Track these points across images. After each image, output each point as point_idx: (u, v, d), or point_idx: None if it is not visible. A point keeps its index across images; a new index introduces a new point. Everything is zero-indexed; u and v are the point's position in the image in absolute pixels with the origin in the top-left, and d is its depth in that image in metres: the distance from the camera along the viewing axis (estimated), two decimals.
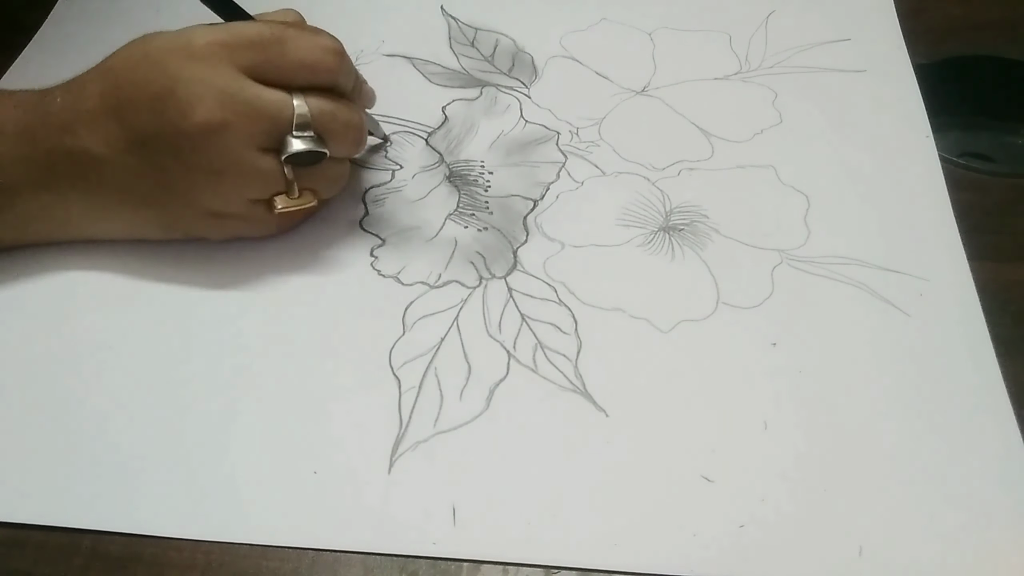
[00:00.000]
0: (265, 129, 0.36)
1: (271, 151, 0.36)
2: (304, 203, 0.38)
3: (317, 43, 0.37)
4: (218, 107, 0.34)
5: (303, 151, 0.36)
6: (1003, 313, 0.37)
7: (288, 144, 0.36)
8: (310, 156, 0.37)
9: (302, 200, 0.38)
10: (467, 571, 0.31)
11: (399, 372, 0.36)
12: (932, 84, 0.47)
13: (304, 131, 0.36)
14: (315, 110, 0.36)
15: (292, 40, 0.36)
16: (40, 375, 0.36)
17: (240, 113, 0.35)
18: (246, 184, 0.37)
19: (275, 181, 0.37)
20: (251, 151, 0.36)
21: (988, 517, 0.32)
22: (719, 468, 0.33)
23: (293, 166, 0.37)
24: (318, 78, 0.37)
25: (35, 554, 0.32)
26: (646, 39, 0.51)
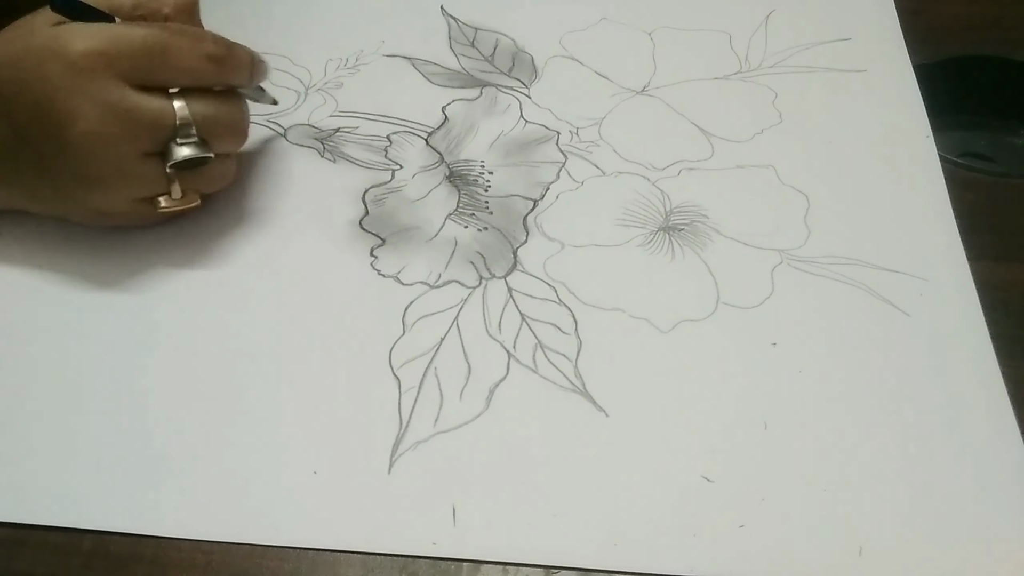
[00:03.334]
0: (148, 138, 0.36)
1: (155, 155, 0.36)
2: (187, 203, 0.38)
3: (197, 50, 0.36)
4: (98, 119, 0.34)
5: (187, 158, 0.37)
6: (1003, 313, 0.37)
7: (172, 151, 0.36)
8: (194, 161, 0.37)
9: (184, 200, 0.38)
10: (467, 571, 0.31)
11: (399, 372, 0.36)
12: (932, 84, 0.47)
13: (187, 136, 0.36)
14: (198, 115, 0.36)
15: (172, 48, 0.36)
16: (40, 374, 0.36)
17: (121, 124, 0.35)
18: (130, 188, 0.37)
19: (159, 183, 0.37)
20: (134, 158, 0.36)
21: (988, 517, 0.32)
22: (719, 468, 0.33)
23: (179, 169, 0.37)
24: (199, 82, 0.37)
25: (35, 554, 0.32)
26: (646, 39, 0.51)
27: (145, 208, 0.38)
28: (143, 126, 0.35)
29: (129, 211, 0.39)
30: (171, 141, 0.36)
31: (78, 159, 0.35)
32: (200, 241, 0.41)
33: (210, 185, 0.40)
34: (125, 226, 0.40)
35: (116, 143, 0.35)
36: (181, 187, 0.38)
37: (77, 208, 0.39)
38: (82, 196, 0.37)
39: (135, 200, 0.38)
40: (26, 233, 0.41)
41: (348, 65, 0.49)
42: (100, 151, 0.35)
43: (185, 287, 0.39)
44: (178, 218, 0.41)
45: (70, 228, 0.41)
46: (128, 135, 0.35)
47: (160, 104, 0.36)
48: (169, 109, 0.36)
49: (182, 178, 0.37)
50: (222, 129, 0.38)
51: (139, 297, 0.39)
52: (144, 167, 0.36)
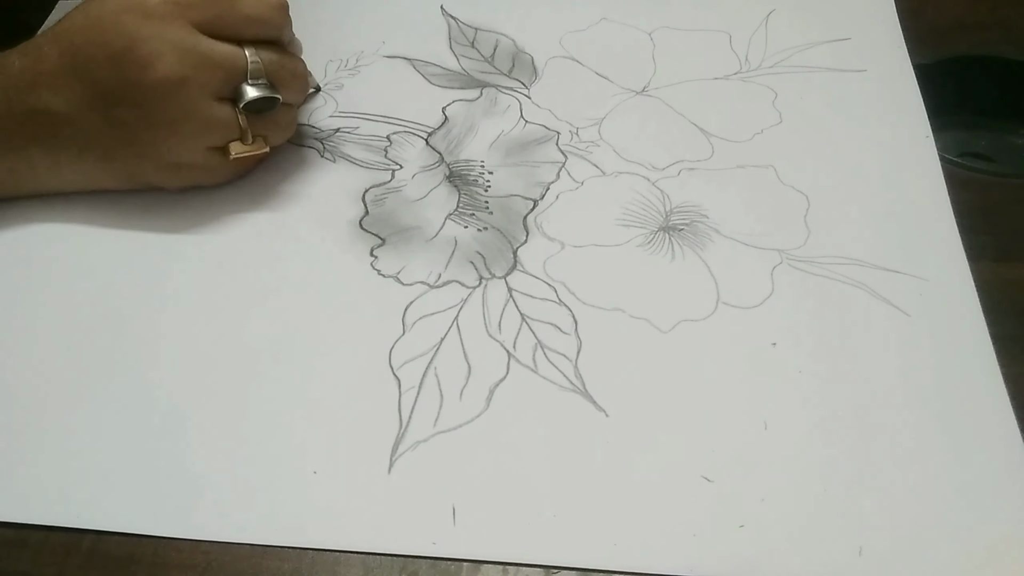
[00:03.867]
0: (221, 80, 0.38)
1: (226, 100, 0.39)
2: (257, 149, 0.41)
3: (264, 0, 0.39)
4: (176, 62, 0.37)
5: (258, 98, 0.39)
6: (1003, 313, 0.37)
7: (244, 92, 0.39)
8: (265, 103, 0.39)
9: (255, 146, 0.40)
10: (467, 571, 0.31)
11: (399, 372, 0.36)
12: (932, 84, 0.47)
13: (258, 80, 0.39)
14: (266, 60, 0.39)
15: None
16: (40, 374, 0.36)
17: (197, 66, 0.37)
18: (205, 133, 0.39)
19: (231, 128, 0.39)
20: (208, 101, 0.38)
21: (988, 517, 0.32)
22: (719, 468, 0.33)
23: (247, 114, 0.39)
24: (266, 32, 0.40)
25: (35, 554, 0.32)
26: (646, 39, 0.51)
27: (217, 159, 0.40)
28: (217, 69, 0.38)
29: (202, 162, 0.40)
30: (242, 84, 0.39)
31: (157, 103, 0.37)
32: (200, 241, 0.41)
33: (276, 133, 0.42)
34: (194, 184, 0.42)
35: (192, 86, 0.37)
36: (252, 133, 0.40)
37: (152, 163, 0.40)
38: (159, 146, 0.39)
39: (208, 148, 0.40)
40: (26, 234, 0.41)
41: (348, 66, 0.49)
42: (177, 94, 0.37)
43: (185, 287, 0.39)
44: (185, 207, 0.41)
45: (68, 227, 0.41)
46: (203, 78, 0.37)
47: (232, 49, 0.38)
48: (240, 54, 0.38)
49: (252, 123, 0.40)
50: (288, 75, 0.40)
51: (138, 297, 0.39)
52: (217, 111, 0.39)
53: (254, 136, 0.40)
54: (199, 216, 0.41)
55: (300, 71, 0.42)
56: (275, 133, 0.42)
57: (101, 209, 0.42)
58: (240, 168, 0.42)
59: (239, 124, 0.39)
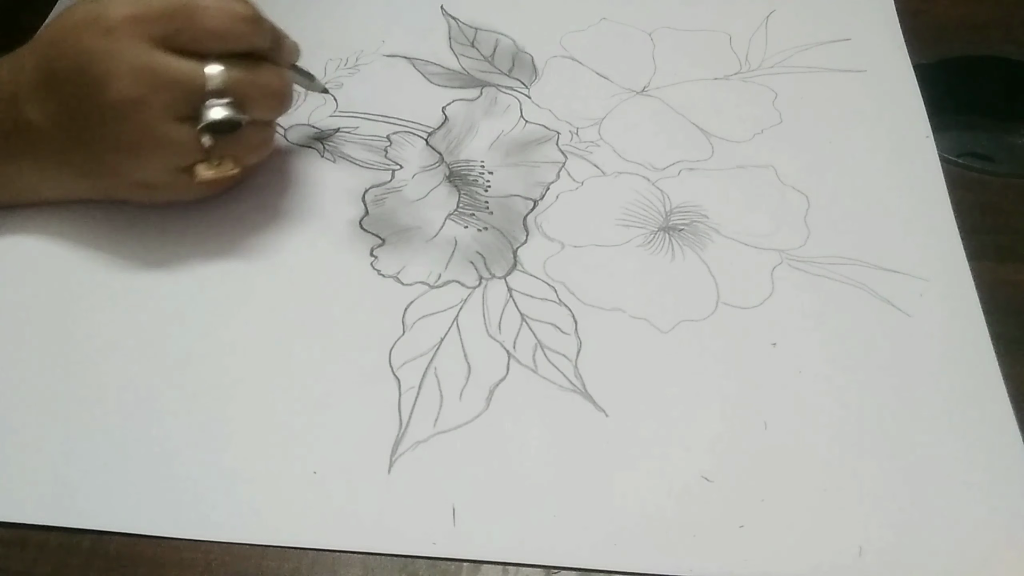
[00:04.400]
0: (179, 99, 0.36)
1: (189, 120, 0.36)
2: (224, 171, 0.38)
3: (227, 11, 0.37)
4: (131, 82, 0.35)
5: (218, 120, 0.36)
6: (1003, 313, 0.37)
7: (203, 113, 0.36)
8: (226, 124, 0.37)
9: (222, 169, 0.38)
10: (467, 571, 0.31)
11: (399, 372, 0.36)
12: (932, 84, 0.47)
13: (221, 98, 0.36)
14: (230, 76, 0.36)
15: (201, 9, 0.36)
16: (40, 374, 0.36)
17: (153, 86, 0.35)
18: (165, 154, 0.37)
19: (195, 150, 0.37)
20: (168, 123, 0.36)
21: (988, 517, 0.32)
22: (719, 468, 0.33)
23: (213, 134, 0.37)
24: (229, 46, 0.37)
25: (35, 554, 0.32)
26: (646, 39, 0.51)
27: (185, 179, 0.38)
28: (174, 88, 0.36)
29: (169, 181, 0.39)
30: (203, 104, 0.36)
31: (115, 124, 0.36)
32: (200, 241, 0.41)
33: (248, 153, 0.39)
34: (171, 200, 0.41)
35: (149, 106, 0.36)
36: (218, 154, 0.37)
37: (120, 182, 0.39)
38: (123, 166, 0.38)
39: (174, 169, 0.38)
40: (24, 235, 0.41)
41: (348, 65, 0.49)
42: (134, 115, 0.36)
43: (184, 287, 0.39)
44: (192, 201, 0.41)
45: (65, 229, 0.41)
46: (160, 97, 0.36)
47: (191, 66, 0.36)
48: (200, 72, 0.36)
49: (219, 144, 0.37)
50: (257, 93, 0.38)
51: (138, 298, 0.39)
52: (179, 132, 0.36)
53: (222, 157, 0.38)
54: (198, 216, 0.41)
55: (275, 86, 0.39)
56: (245, 153, 0.39)
57: (100, 210, 0.41)
58: (212, 188, 0.40)
59: (202, 145, 0.37)
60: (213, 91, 0.36)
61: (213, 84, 0.36)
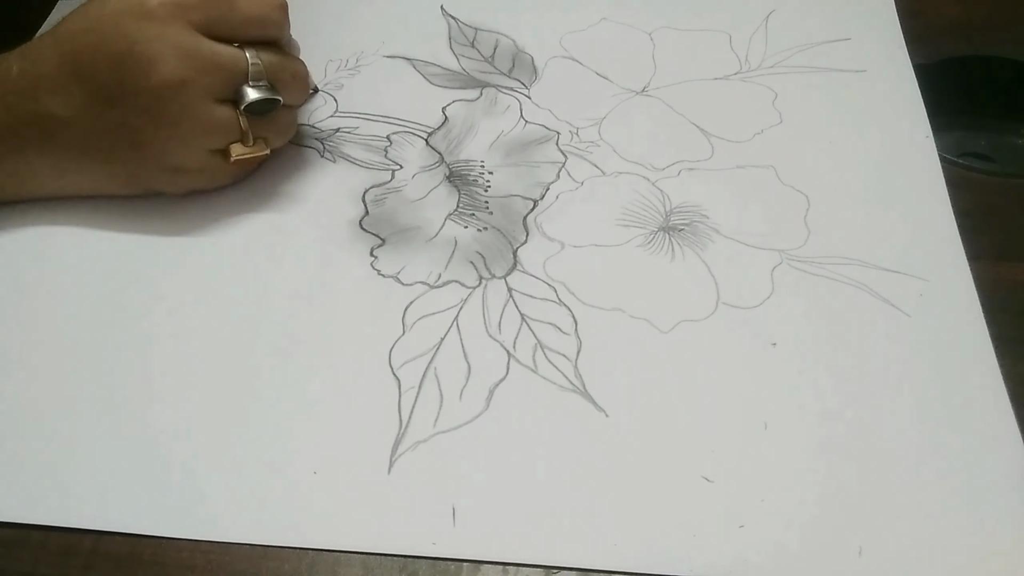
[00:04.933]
0: (223, 82, 0.38)
1: (227, 102, 0.39)
2: (258, 151, 0.41)
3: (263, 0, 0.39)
4: (177, 64, 0.37)
5: (259, 99, 0.39)
6: (1003, 313, 0.37)
7: (244, 94, 0.39)
8: (266, 104, 0.39)
9: (256, 148, 0.40)
10: (467, 571, 0.31)
11: (399, 372, 0.36)
12: (932, 84, 0.47)
13: (259, 81, 0.39)
14: (267, 62, 0.39)
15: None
16: (41, 374, 0.36)
17: (198, 69, 0.37)
18: (206, 135, 0.39)
19: (232, 130, 0.39)
20: (209, 104, 0.38)
21: (988, 517, 0.32)
22: (719, 468, 0.33)
23: (248, 115, 0.39)
24: (266, 32, 0.39)
25: (35, 554, 0.32)
26: (646, 39, 0.51)
27: (217, 162, 0.40)
28: (218, 71, 0.38)
29: (203, 165, 0.40)
30: (243, 86, 0.38)
31: (158, 106, 0.37)
32: (200, 241, 0.41)
33: (277, 134, 0.42)
34: (195, 189, 0.42)
35: (193, 88, 0.37)
36: (252, 135, 0.40)
37: (153, 167, 0.40)
38: (160, 149, 0.39)
39: (209, 151, 0.40)
40: (28, 236, 0.41)
41: (348, 66, 0.49)
42: (179, 96, 0.37)
43: (185, 287, 0.39)
44: (184, 207, 0.41)
45: (67, 227, 0.41)
46: (204, 79, 0.37)
47: (233, 51, 0.38)
48: (241, 55, 0.38)
49: (253, 125, 0.40)
50: (288, 77, 0.40)
51: (138, 298, 0.39)
52: (219, 113, 0.38)
53: (255, 138, 0.40)
54: (199, 217, 0.41)
55: (301, 72, 0.42)
56: (276, 135, 0.42)
57: (102, 211, 0.42)
58: (240, 171, 0.42)
59: (240, 126, 0.39)
60: (253, 74, 0.39)
61: (254, 68, 0.38)
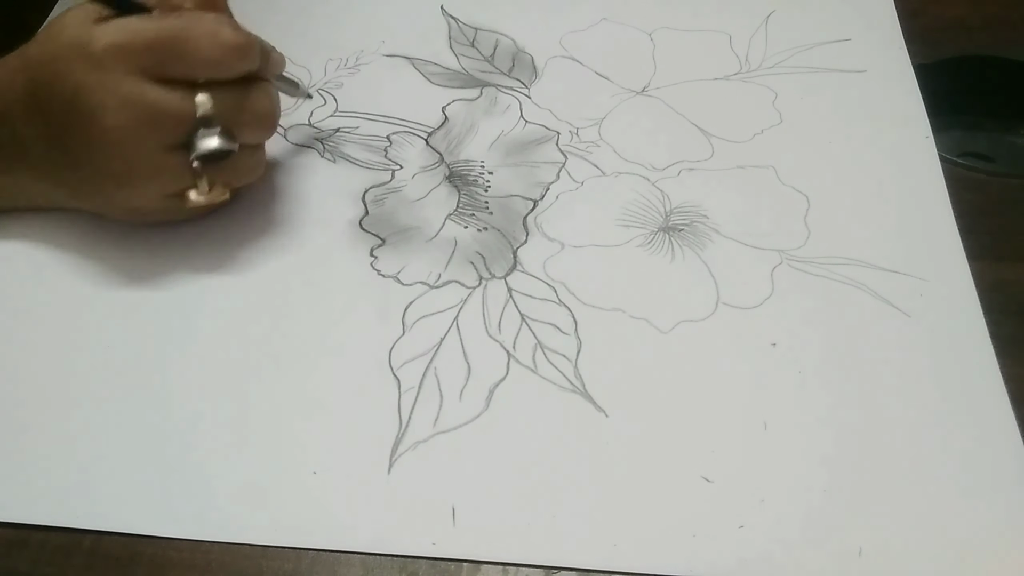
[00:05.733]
0: (170, 130, 0.36)
1: (179, 148, 0.36)
2: (215, 197, 0.38)
3: (217, 40, 0.35)
4: (120, 114, 0.34)
5: (210, 151, 0.36)
6: (1003, 313, 0.37)
7: (195, 143, 0.36)
8: (218, 154, 0.36)
9: (214, 194, 0.38)
10: (467, 571, 0.31)
11: (399, 372, 0.36)
12: (932, 84, 0.47)
13: (210, 128, 0.36)
14: (220, 105, 0.36)
15: (191, 40, 0.35)
16: (41, 374, 0.36)
17: (143, 118, 0.35)
18: (156, 184, 0.37)
19: (186, 177, 0.37)
20: (158, 153, 0.36)
21: (988, 517, 0.32)
22: (719, 468, 0.33)
23: (204, 162, 0.36)
24: (220, 74, 0.36)
25: (35, 554, 0.32)
26: (646, 39, 0.51)
27: (176, 204, 0.38)
28: (164, 119, 0.35)
29: (161, 207, 0.39)
30: (194, 134, 0.36)
31: (105, 155, 0.36)
32: (199, 242, 0.41)
33: (239, 178, 0.39)
34: (162, 221, 0.41)
35: (139, 138, 0.35)
36: (209, 181, 0.37)
37: (112, 205, 0.39)
38: (113, 193, 0.38)
39: (165, 196, 0.38)
40: (27, 233, 0.41)
41: (348, 65, 0.49)
42: (124, 146, 0.35)
43: (184, 288, 0.39)
44: (185, 220, 0.41)
45: (68, 230, 0.41)
46: (150, 129, 0.35)
47: (180, 97, 0.35)
48: (189, 102, 0.35)
49: (209, 171, 0.37)
50: (248, 119, 0.37)
51: (137, 299, 0.39)
52: (169, 161, 0.36)
53: (213, 183, 0.37)
54: (199, 216, 0.41)
55: (264, 111, 0.38)
56: (237, 178, 0.39)
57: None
58: (205, 211, 0.40)
59: (193, 173, 0.37)
60: (203, 121, 0.36)
61: (203, 114, 0.36)
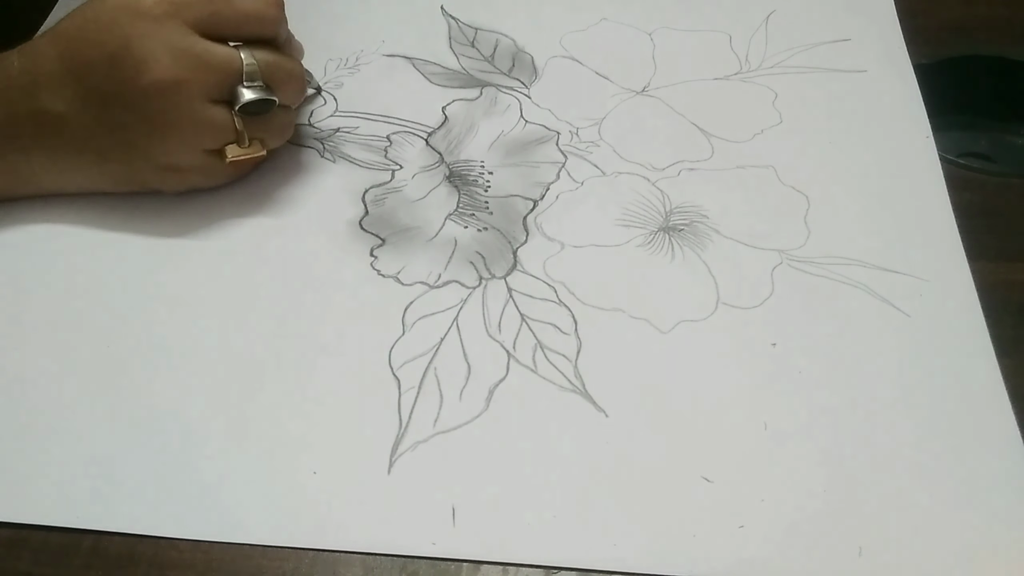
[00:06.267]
0: (217, 82, 0.38)
1: (222, 103, 0.38)
2: (254, 152, 0.40)
3: None
4: (171, 64, 0.36)
5: (254, 100, 0.38)
6: (1003, 313, 0.37)
7: (239, 95, 0.38)
8: (261, 105, 0.39)
9: (251, 149, 0.40)
10: (467, 571, 0.31)
11: (399, 372, 0.36)
12: (932, 84, 0.47)
13: (254, 82, 0.38)
14: (262, 61, 0.39)
15: None
16: (41, 374, 0.36)
17: (192, 68, 0.37)
18: (200, 136, 0.39)
19: (227, 131, 0.39)
20: (204, 104, 0.38)
21: (988, 517, 0.32)
22: (719, 468, 0.33)
23: (243, 116, 0.39)
24: (263, 29, 0.39)
25: (35, 554, 0.32)
26: (646, 39, 0.51)
27: (213, 162, 0.40)
28: (212, 71, 0.37)
29: (198, 165, 0.40)
30: (238, 86, 0.38)
31: (152, 106, 0.37)
32: (200, 240, 0.41)
33: (274, 135, 0.41)
34: (191, 187, 0.41)
35: (187, 87, 0.37)
36: (247, 136, 0.39)
37: (148, 166, 0.40)
38: (154, 149, 0.39)
39: (204, 151, 0.39)
40: (28, 235, 0.41)
41: (348, 65, 0.49)
42: (172, 96, 0.37)
43: (185, 287, 0.39)
44: (184, 206, 0.41)
45: (69, 229, 0.41)
46: (198, 79, 0.37)
47: (228, 51, 0.38)
48: (236, 55, 0.38)
49: (248, 125, 0.39)
50: (285, 76, 0.40)
51: (138, 297, 0.39)
52: (213, 113, 0.38)
53: (251, 139, 0.40)
54: (199, 217, 0.41)
55: (297, 72, 0.41)
56: (272, 136, 0.41)
57: (103, 210, 0.42)
58: (237, 171, 0.42)
59: (235, 127, 0.39)
60: (248, 75, 0.38)
61: (249, 68, 0.38)
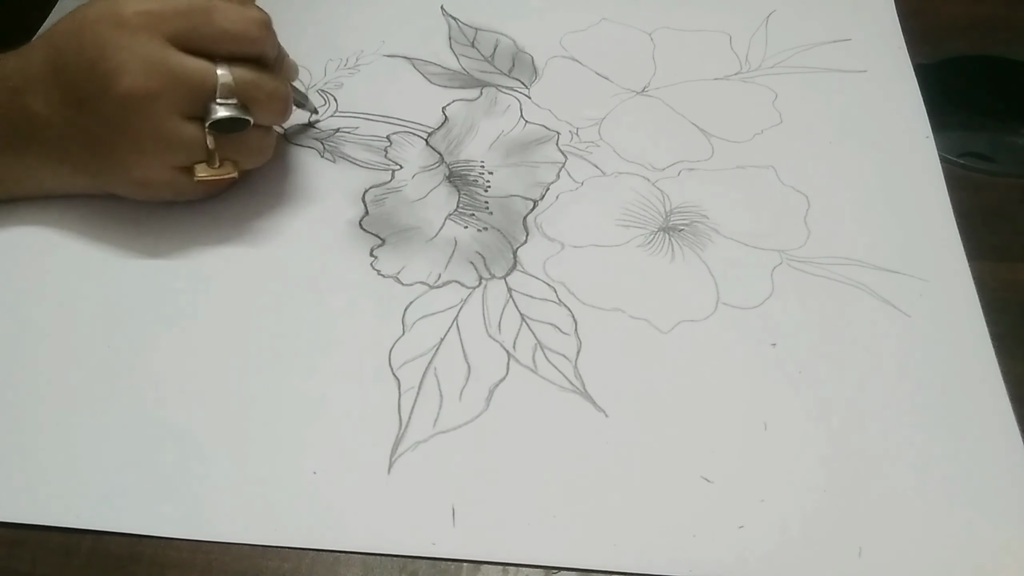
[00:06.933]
0: (189, 97, 0.37)
1: (195, 119, 0.37)
2: (223, 173, 0.39)
3: (244, 14, 0.37)
4: (143, 75, 0.35)
5: (226, 117, 0.37)
6: (1003, 313, 0.37)
7: (211, 111, 0.37)
8: (234, 123, 0.37)
9: (222, 170, 0.39)
10: (467, 571, 0.31)
11: (399, 372, 0.36)
12: (932, 84, 0.47)
13: (228, 99, 0.37)
14: (239, 79, 0.37)
15: (219, 10, 0.37)
16: (40, 374, 0.36)
17: (164, 80, 0.36)
18: (169, 150, 0.38)
19: (197, 149, 0.38)
20: (174, 119, 0.37)
21: (988, 517, 0.32)
22: (719, 468, 0.33)
23: (216, 134, 0.37)
24: (243, 48, 0.38)
25: (35, 554, 0.32)
26: (646, 39, 0.51)
27: (183, 179, 0.39)
28: (184, 84, 0.36)
29: (167, 180, 0.39)
30: (210, 102, 0.37)
31: (122, 117, 0.36)
32: (199, 240, 0.41)
33: (248, 157, 0.40)
34: (165, 200, 0.41)
35: (158, 101, 0.36)
36: (219, 156, 0.38)
37: (120, 179, 0.40)
38: (124, 161, 0.38)
39: (174, 168, 0.38)
40: (27, 235, 0.41)
41: (348, 65, 0.49)
42: (142, 109, 0.36)
43: (184, 287, 0.39)
44: (184, 206, 0.41)
45: (67, 229, 0.41)
46: (169, 92, 0.36)
47: (203, 65, 0.37)
48: (211, 71, 0.37)
49: (220, 145, 0.38)
50: (264, 96, 0.38)
51: (138, 297, 0.39)
52: (184, 130, 0.37)
53: (223, 159, 0.38)
54: (199, 217, 0.41)
55: (279, 93, 0.39)
56: (246, 157, 0.40)
57: (103, 210, 0.41)
58: (208, 190, 0.41)
59: (206, 145, 0.37)
60: (222, 91, 0.37)
61: (223, 84, 0.37)
